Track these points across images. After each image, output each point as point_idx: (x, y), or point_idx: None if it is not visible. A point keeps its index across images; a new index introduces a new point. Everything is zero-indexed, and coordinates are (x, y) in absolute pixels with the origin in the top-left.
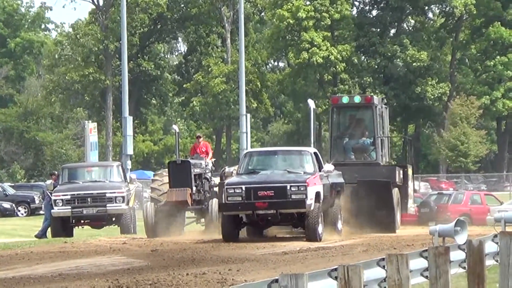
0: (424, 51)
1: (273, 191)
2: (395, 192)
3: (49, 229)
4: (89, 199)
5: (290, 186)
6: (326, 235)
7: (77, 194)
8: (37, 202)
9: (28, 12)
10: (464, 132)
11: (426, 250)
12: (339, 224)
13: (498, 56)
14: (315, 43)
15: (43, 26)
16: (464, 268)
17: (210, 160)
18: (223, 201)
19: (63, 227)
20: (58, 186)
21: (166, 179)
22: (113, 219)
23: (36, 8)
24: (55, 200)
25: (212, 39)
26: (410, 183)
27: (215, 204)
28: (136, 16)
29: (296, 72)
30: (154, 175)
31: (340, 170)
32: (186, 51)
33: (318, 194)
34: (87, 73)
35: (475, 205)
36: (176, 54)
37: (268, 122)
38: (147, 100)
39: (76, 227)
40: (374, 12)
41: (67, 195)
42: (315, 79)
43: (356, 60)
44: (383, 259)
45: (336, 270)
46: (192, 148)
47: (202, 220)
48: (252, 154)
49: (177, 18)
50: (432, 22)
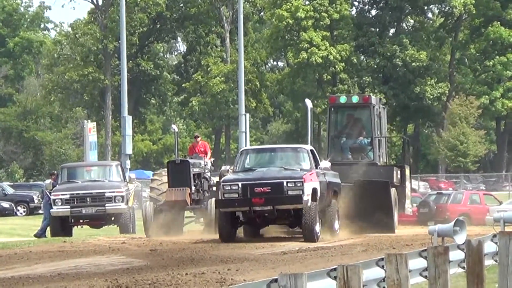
0: (423, 51)
1: (269, 187)
2: (393, 192)
3: (48, 228)
4: (88, 199)
5: (287, 182)
6: (322, 235)
7: (76, 194)
8: (36, 201)
9: (27, 11)
10: (463, 132)
11: (425, 250)
12: (336, 224)
13: (498, 56)
14: (314, 42)
15: (42, 26)
16: (463, 268)
17: (209, 159)
18: (220, 197)
19: (62, 226)
20: (57, 186)
21: (165, 179)
22: (112, 218)
23: (35, 8)
24: (54, 200)
25: (211, 38)
26: (407, 183)
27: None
28: (135, 16)
29: (295, 72)
30: (153, 175)
31: (337, 169)
32: (185, 50)
33: (315, 190)
34: (86, 72)
35: (474, 205)
36: (175, 53)
37: (267, 122)
38: (146, 100)
39: (75, 227)
40: (374, 12)
41: (66, 194)
42: (314, 79)
43: (355, 60)
44: (382, 259)
45: (335, 270)
46: (190, 148)
47: (201, 219)
48: (248, 152)
49: (176, 17)
50: (431, 22)
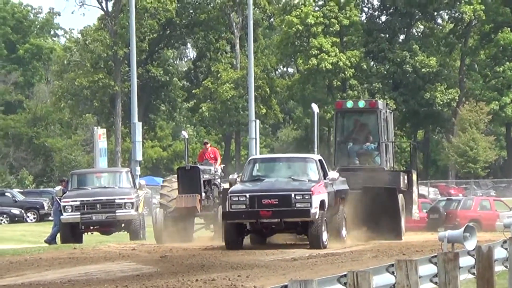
0: (433, 57)
1: (277, 199)
2: (400, 198)
3: (58, 235)
4: (98, 205)
5: (295, 195)
6: (330, 243)
7: (86, 200)
8: (46, 208)
9: (37, 18)
10: (473, 137)
11: (435, 256)
12: (343, 231)
13: (507, 62)
14: (324, 49)
15: (52, 32)
16: (474, 274)
17: (219, 166)
18: (227, 209)
19: (72, 233)
20: (68, 192)
21: (175, 185)
22: (122, 225)
23: (45, 14)
24: (65, 206)
25: (221, 45)
26: (414, 189)
27: None
28: (145, 22)
29: (305, 78)
30: (163, 181)
31: (344, 175)
32: (195, 57)
33: (322, 202)
34: (96, 79)
35: (484, 211)
36: (185, 60)
37: (277, 128)
38: (156, 106)
39: (85, 233)
40: (383, 18)
41: (76, 201)
42: (324, 85)
43: (365, 66)
44: (392, 265)
45: (345, 276)
46: (200, 154)
47: (211, 226)
48: (256, 161)
49: (186, 24)
50: (441, 28)
